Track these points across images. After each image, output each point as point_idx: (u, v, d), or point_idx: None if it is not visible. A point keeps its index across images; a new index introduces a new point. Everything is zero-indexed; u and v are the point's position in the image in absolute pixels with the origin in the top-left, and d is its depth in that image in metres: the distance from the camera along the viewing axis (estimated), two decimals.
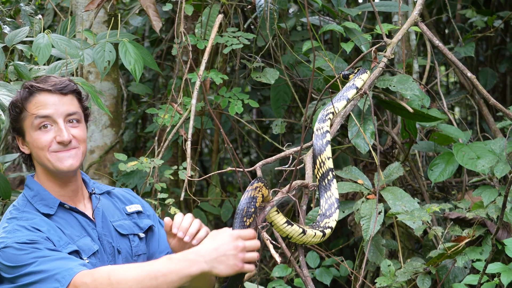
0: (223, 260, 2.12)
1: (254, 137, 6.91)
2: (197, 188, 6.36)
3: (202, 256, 2.12)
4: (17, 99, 2.56)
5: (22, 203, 2.57)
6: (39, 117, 2.52)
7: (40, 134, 2.53)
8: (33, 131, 2.53)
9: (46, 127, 2.53)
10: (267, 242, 2.52)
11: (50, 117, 2.53)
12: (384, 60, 3.54)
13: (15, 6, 4.45)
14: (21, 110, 2.53)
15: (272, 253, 2.49)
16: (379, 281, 3.85)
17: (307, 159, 3.13)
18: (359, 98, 3.44)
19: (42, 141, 2.53)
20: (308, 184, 2.96)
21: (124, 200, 2.80)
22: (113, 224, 2.66)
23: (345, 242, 5.52)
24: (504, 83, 6.76)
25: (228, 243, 2.14)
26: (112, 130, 5.05)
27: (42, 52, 3.51)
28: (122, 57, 3.84)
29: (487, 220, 3.79)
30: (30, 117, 2.52)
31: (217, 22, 4.34)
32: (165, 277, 2.12)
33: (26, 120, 2.54)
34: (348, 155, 5.17)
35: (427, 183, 4.82)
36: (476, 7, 5.86)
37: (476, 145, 4.09)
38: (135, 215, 2.77)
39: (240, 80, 5.73)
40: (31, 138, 2.54)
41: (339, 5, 4.37)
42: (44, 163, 2.55)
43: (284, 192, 2.72)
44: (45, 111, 2.53)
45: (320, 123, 3.23)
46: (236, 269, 2.13)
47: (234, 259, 2.12)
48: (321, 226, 2.90)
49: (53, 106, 2.53)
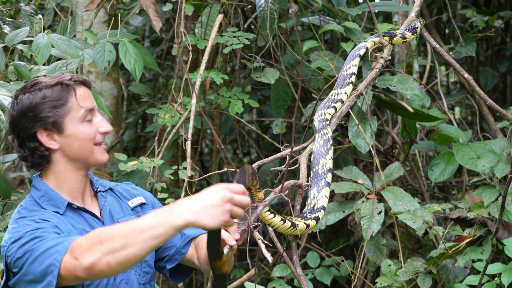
0: (208, 211, 2.01)
1: (254, 137, 6.91)
2: (197, 188, 6.36)
3: (187, 207, 2.04)
4: (58, 94, 2.52)
5: (30, 204, 2.55)
6: (87, 110, 2.54)
7: (87, 126, 2.54)
8: (79, 123, 2.53)
9: (91, 120, 2.56)
10: (259, 242, 2.50)
11: (94, 110, 2.57)
12: (381, 62, 3.54)
13: (15, 6, 4.44)
14: (65, 103, 2.51)
15: (264, 253, 2.48)
16: (380, 281, 3.85)
17: (302, 159, 3.13)
18: (355, 99, 3.44)
19: (91, 133, 2.54)
20: (301, 184, 2.96)
21: (126, 195, 2.79)
22: (118, 221, 2.66)
23: (345, 242, 5.52)
24: (504, 83, 6.76)
25: (215, 194, 2.04)
26: (112, 130, 5.05)
27: (42, 52, 3.51)
28: (122, 57, 3.84)
29: (487, 220, 3.79)
30: (77, 109, 2.52)
31: (217, 22, 4.34)
32: (151, 230, 2.07)
33: (71, 113, 2.52)
34: (348, 155, 5.17)
35: (427, 183, 4.82)
36: (476, 7, 5.86)
37: (476, 145, 4.09)
38: (139, 208, 2.76)
39: (240, 80, 5.74)
40: (77, 131, 2.52)
41: (340, 5, 4.37)
42: (86, 158, 2.55)
43: (277, 192, 2.71)
44: (89, 103, 2.56)
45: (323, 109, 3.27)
46: (221, 221, 2.02)
47: (220, 210, 2.02)
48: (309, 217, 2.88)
49: (91, 99, 2.57)
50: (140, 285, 2.61)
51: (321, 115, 3.25)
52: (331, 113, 3.30)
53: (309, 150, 3.16)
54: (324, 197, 2.95)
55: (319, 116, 3.25)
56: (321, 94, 3.92)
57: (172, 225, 2.04)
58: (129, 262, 2.11)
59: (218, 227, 2.03)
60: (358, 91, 3.42)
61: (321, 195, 2.94)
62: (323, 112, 3.27)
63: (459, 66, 3.88)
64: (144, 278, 2.64)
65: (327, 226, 4.06)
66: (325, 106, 3.32)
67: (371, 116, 3.87)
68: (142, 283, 2.63)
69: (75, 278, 2.21)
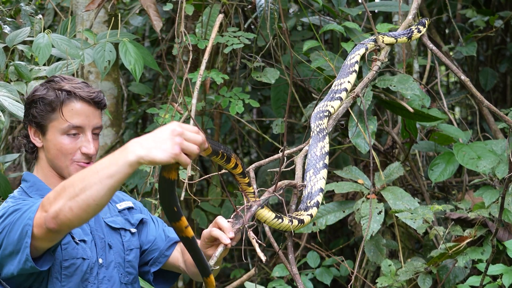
0: (159, 145, 1.98)
1: (255, 137, 6.91)
2: (197, 188, 6.36)
3: (139, 143, 2.02)
4: (52, 99, 2.53)
5: (18, 193, 2.59)
6: (72, 126, 2.52)
7: (67, 140, 2.53)
8: (59, 134, 2.53)
9: (75, 135, 2.53)
10: (253, 241, 2.50)
11: (82, 128, 2.53)
12: (378, 64, 3.53)
13: (15, 6, 4.44)
14: (53, 110, 2.52)
15: (258, 252, 2.47)
16: (380, 281, 3.85)
17: (297, 160, 3.13)
18: (351, 101, 3.42)
19: (68, 148, 2.53)
20: (296, 184, 2.96)
21: (115, 199, 2.81)
22: (104, 221, 2.67)
23: (346, 242, 5.52)
24: (505, 83, 6.76)
25: (166, 129, 2.02)
26: (112, 130, 5.05)
27: (42, 52, 3.51)
28: (122, 57, 3.84)
29: (488, 221, 3.79)
30: (62, 121, 2.52)
31: (218, 22, 4.34)
32: (106, 169, 2.06)
33: (56, 122, 2.52)
34: (349, 154, 5.17)
35: (427, 183, 4.82)
36: (477, 7, 5.86)
37: (476, 145, 4.09)
38: (126, 211, 2.77)
39: (241, 80, 5.74)
40: (56, 140, 2.53)
41: (340, 5, 4.38)
42: (60, 168, 2.56)
43: (271, 192, 2.70)
44: (79, 121, 2.52)
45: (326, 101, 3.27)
46: (171, 155, 1.98)
47: (170, 143, 1.98)
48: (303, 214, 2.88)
49: (87, 117, 2.53)
50: (121, 284, 2.62)
51: (322, 107, 3.25)
52: (334, 105, 3.29)
53: (305, 151, 3.15)
54: (322, 179, 2.95)
55: (319, 108, 3.25)
56: (321, 94, 3.92)
57: (125, 161, 2.02)
58: (89, 206, 2.09)
59: (168, 160, 1.98)
60: (355, 93, 3.41)
61: (319, 177, 2.94)
62: (325, 104, 3.27)
63: (456, 68, 3.88)
64: (126, 278, 2.65)
65: (327, 226, 4.06)
66: (328, 98, 3.32)
67: (371, 116, 3.87)
68: (124, 283, 2.64)
69: (46, 232, 2.20)
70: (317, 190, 2.92)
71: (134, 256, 2.70)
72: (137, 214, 2.79)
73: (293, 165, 3.11)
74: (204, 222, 5.27)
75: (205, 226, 5.13)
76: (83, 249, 2.52)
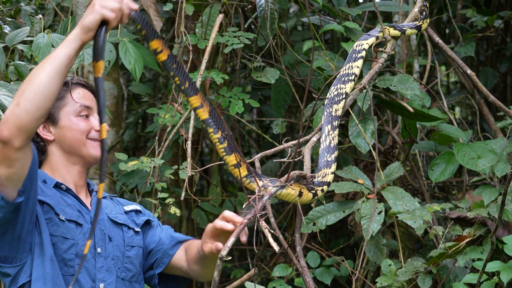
0: (90, 9, 2.31)
1: (255, 137, 6.91)
2: (197, 188, 6.37)
3: (81, 20, 2.32)
4: None
5: None
6: (83, 106, 2.64)
7: (81, 120, 2.64)
8: (73, 116, 2.63)
9: (88, 117, 2.65)
10: (265, 231, 2.50)
11: (91, 108, 2.66)
12: (384, 56, 3.52)
13: (15, 6, 4.44)
14: (61, 98, 2.63)
15: (270, 242, 2.47)
16: (380, 281, 3.85)
17: (305, 151, 3.13)
18: (358, 93, 3.42)
19: (84, 126, 2.63)
20: (306, 175, 2.95)
21: (123, 203, 2.84)
22: (108, 215, 2.68)
23: (346, 242, 5.52)
24: (505, 83, 6.77)
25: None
26: (112, 130, 5.06)
27: (42, 52, 3.51)
28: (122, 57, 3.84)
29: (487, 220, 3.79)
30: (73, 104, 2.63)
31: (218, 21, 4.34)
32: (61, 49, 2.27)
33: (66, 107, 2.63)
34: (349, 154, 5.17)
35: (427, 183, 4.82)
36: (477, 7, 5.86)
37: (476, 145, 4.09)
38: (133, 213, 2.79)
39: (241, 79, 5.74)
40: (71, 123, 2.62)
41: (340, 5, 4.38)
42: (79, 148, 2.63)
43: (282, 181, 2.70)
44: (88, 102, 2.66)
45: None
46: (100, 12, 2.30)
47: (97, 4, 2.31)
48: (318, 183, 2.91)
49: (92, 100, 2.67)
50: (118, 278, 2.61)
51: (336, 90, 3.29)
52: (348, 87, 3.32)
53: (313, 142, 3.17)
54: (336, 137, 3.08)
55: (332, 92, 3.28)
56: (319, 93, 3.92)
57: (73, 36, 2.30)
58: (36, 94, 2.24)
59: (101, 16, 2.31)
60: (362, 84, 3.40)
61: (336, 133, 3.08)
62: (338, 87, 3.30)
63: (462, 62, 3.87)
64: (124, 273, 2.64)
65: (327, 226, 4.06)
66: (340, 81, 3.33)
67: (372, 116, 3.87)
68: (121, 277, 2.63)
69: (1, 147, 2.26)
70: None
71: (135, 254, 2.70)
72: (143, 217, 2.81)
73: (300, 156, 3.11)
74: (204, 222, 5.26)
75: (205, 226, 5.12)
76: (67, 229, 2.51)
